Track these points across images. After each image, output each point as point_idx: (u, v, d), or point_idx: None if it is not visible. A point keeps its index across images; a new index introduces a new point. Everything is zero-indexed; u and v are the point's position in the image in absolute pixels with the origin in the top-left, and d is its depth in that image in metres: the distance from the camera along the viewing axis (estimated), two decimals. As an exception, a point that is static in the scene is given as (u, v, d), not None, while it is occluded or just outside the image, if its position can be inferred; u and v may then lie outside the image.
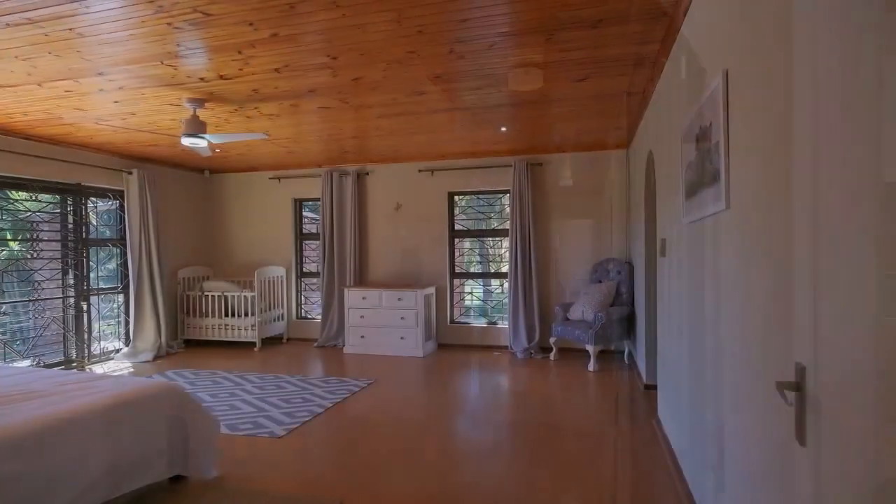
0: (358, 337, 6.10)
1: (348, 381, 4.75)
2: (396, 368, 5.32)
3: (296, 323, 7.05)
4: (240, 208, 7.26)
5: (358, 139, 5.29)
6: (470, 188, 6.33)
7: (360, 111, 4.22)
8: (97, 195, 5.93)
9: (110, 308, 6.33)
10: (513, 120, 4.58)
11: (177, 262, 6.82)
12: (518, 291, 5.92)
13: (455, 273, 6.53)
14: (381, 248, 6.64)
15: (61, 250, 5.58)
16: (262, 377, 4.93)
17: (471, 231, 6.65)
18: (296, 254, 7.11)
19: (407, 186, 6.51)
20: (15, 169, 4.96)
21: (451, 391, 4.53)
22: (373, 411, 3.92)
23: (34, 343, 5.36)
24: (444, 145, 5.63)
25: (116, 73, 3.29)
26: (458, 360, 5.66)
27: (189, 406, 2.66)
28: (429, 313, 6.13)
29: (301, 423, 3.61)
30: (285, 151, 5.92)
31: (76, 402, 2.25)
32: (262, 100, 3.87)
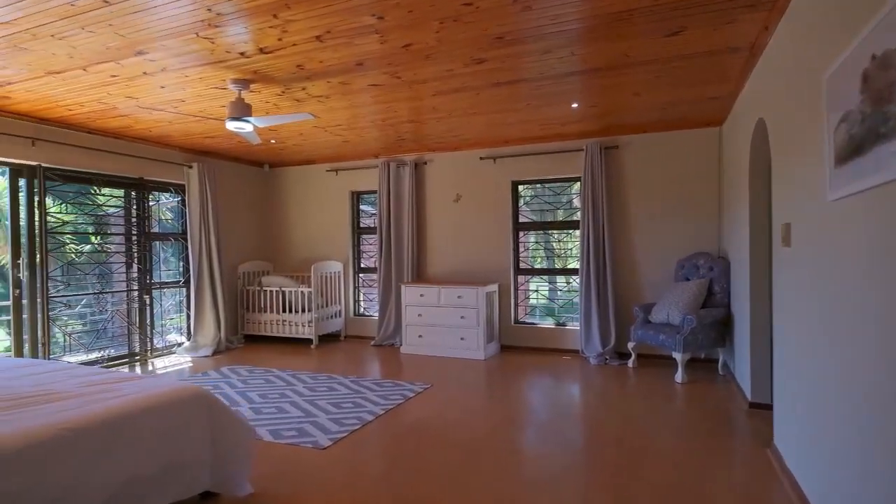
0: (415, 336, 5.73)
1: (403, 384, 4.38)
2: (455, 372, 4.90)
3: (353, 320, 6.81)
4: (298, 202, 7.12)
5: (414, 123, 4.90)
6: (536, 176, 5.79)
7: (413, 88, 3.82)
8: (159, 189, 5.95)
9: (174, 302, 6.37)
10: (586, 93, 4.01)
11: (237, 256, 6.78)
12: (590, 290, 5.31)
13: (519, 269, 6.01)
14: (440, 243, 6.25)
15: (125, 244, 5.63)
16: (314, 377, 4.68)
17: (536, 223, 6.11)
18: (353, 248, 6.87)
19: (467, 176, 6.07)
20: (81, 163, 5.00)
21: (515, 400, 4.04)
22: (427, 421, 3.51)
23: (99, 336, 5.43)
24: (508, 128, 5.13)
25: (155, 52, 3.08)
26: (523, 365, 5.15)
27: (219, 414, 2.36)
28: (491, 312, 5.66)
29: (349, 432, 3.26)
30: (340, 140, 5.65)
31: (91, 409, 1.99)
32: (309, 78, 3.56)
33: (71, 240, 5.21)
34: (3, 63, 3.25)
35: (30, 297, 4.74)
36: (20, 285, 4.74)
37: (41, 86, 3.70)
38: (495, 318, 5.78)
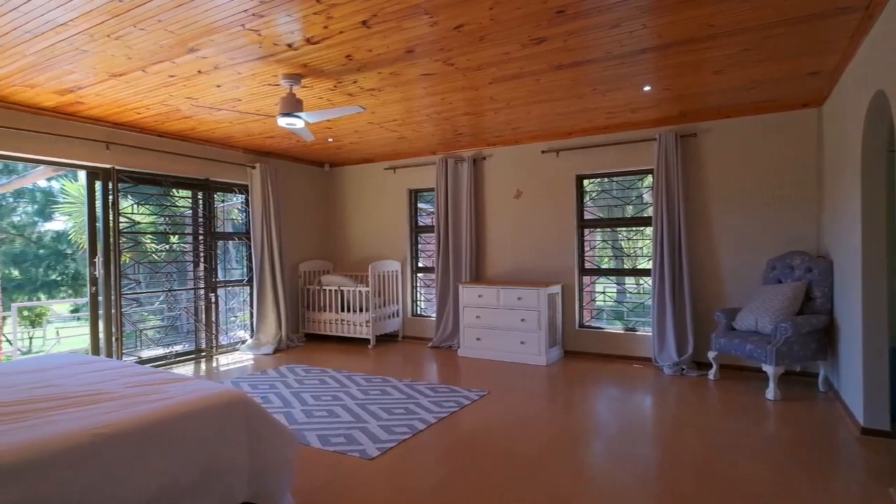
0: (473, 339, 5.50)
1: (459, 390, 4.16)
2: (515, 378, 4.61)
3: (411, 320, 6.69)
4: (356, 201, 7.10)
5: (470, 116, 4.67)
6: (602, 169, 5.37)
7: (468, 76, 3.59)
8: (224, 190, 6.09)
9: (239, 300, 6.53)
10: (659, 73, 3.60)
11: (298, 255, 6.85)
12: (664, 292, 4.84)
13: (584, 269, 5.62)
14: (499, 241, 5.97)
15: (193, 244, 5.80)
16: (369, 379, 4.56)
17: (603, 220, 5.68)
18: (411, 247, 6.74)
19: (528, 170, 5.75)
20: (151, 165, 5.18)
21: (578, 411, 3.70)
22: (482, 432, 3.26)
23: (168, 332, 5.63)
24: (571, 118, 4.77)
25: (206, 48, 3.04)
26: (589, 372, 4.77)
27: (259, 420, 2.24)
28: (553, 315, 5.32)
29: (398, 441, 3.08)
30: (396, 137, 5.52)
31: (128, 413, 1.92)
32: (359, 69, 3.42)
33: (143, 239, 5.42)
34: (70, 67, 3.35)
35: (105, 294, 4.96)
36: (96, 283, 4.97)
37: (107, 89, 3.82)
38: (558, 321, 5.43)
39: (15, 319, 7.84)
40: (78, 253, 10.48)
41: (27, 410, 1.96)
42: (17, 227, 12.38)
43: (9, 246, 12.30)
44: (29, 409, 1.98)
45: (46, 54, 3.13)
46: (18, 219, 12.32)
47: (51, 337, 9.01)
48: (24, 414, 1.92)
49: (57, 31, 2.81)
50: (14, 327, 8.03)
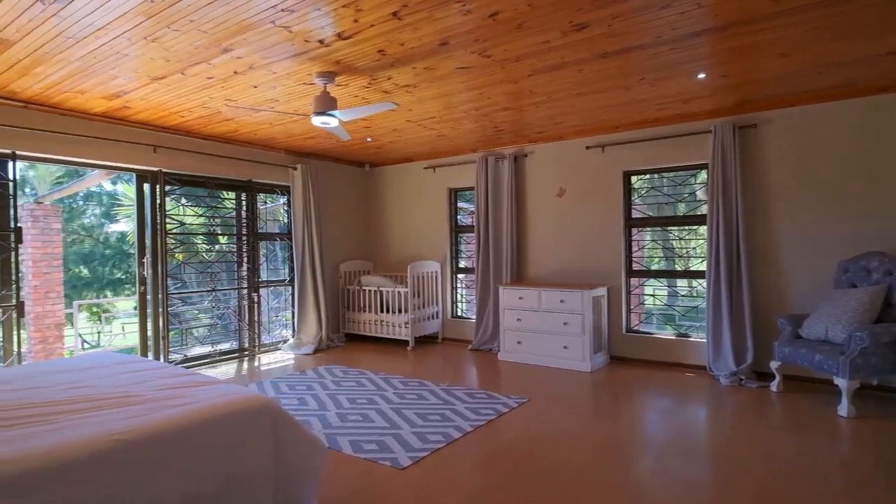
0: (514, 342, 5.31)
1: (497, 397, 3.99)
2: (557, 384, 4.40)
3: (450, 322, 6.56)
4: (396, 201, 7.05)
5: (511, 111, 4.49)
6: (652, 164, 5.06)
7: (506, 68, 3.42)
8: (267, 191, 6.17)
9: (281, 300, 6.61)
10: (715, 58, 3.31)
11: (339, 255, 6.87)
12: (720, 296, 4.50)
13: (632, 271, 5.32)
14: (541, 241, 5.76)
15: (236, 244, 5.90)
16: (406, 382, 4.47)
17: (653, 219, 5.36)
18: (451, 248, 6.62)
19: (572, 167, 5.51)
20: (196, 167, 5.30)
21: (625, 423, 3.46)
22: (520, 443, 3.09)
23: (212, 331, 5.75)
24: (618, 111, 4.51)
25: (239, 47, 3.02)
26: (637, 380, 4.50)
27: (285, 427, 2.17)
28: (598, 319, 5.06)
29: (431, 450, 2.95)
30: (435, 135, 5.41)
31: (151, 418, 1.88)
32: (393, 65, 3.32)
33: (189, 240, 5.55)
34: (113, 71, 3.42)
35: (153, 293, 5.10)
36: (145, 282, 5.13)
37: (151, 93, 3.89)
38: (603, 325, 5.16)
39: (77, 316, 8.25)
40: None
41: (58, 412, 1.96)
42: (87, 228, 13.20)
43: (79, 246, 13.11)
44: (60, 410, 1.98)
45: (89, 59, 3.20)
46: (88, 221, 13.13)
47: (117, 332, 9.48)
48: (54, 416, 1.92)
49: (97, 36, 2.85)
50: (76, 323, 8.47)
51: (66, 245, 12.85)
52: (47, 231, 7.28)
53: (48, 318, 7.16)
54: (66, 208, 13.03)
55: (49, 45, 2.97)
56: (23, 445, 1.60)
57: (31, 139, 4.16)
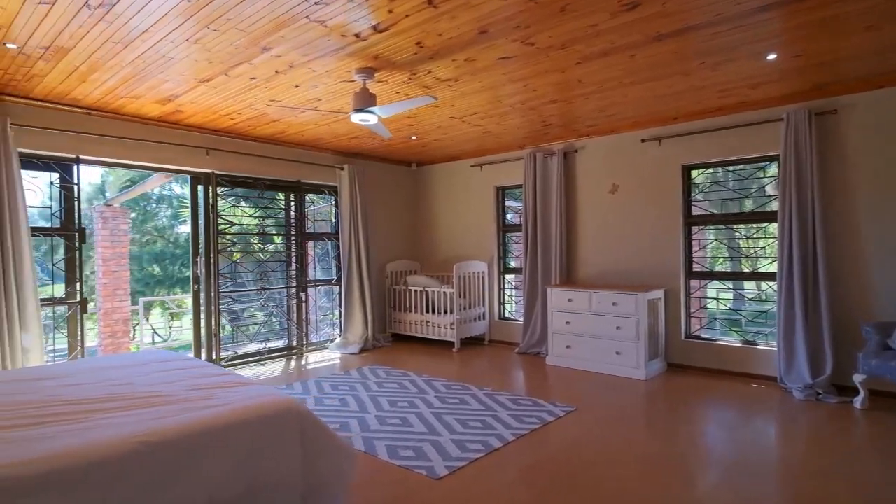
0: (562, 346, 5.07)
1: (543, 404, 3.79)
2: (608, 392, 4.14)
3: (498, 324, 6.39)
4: (443, 200, 6.95)
5: (559, 103, 4.27)
6: (714, 157, 4.68)
7: (552, 57, 3.22)
8: (314, 191, 6.24)
9: (328, 300, 6.67)
10: (787, 36, 2.97)
11: (386, 255, 6.85)
12: (794, 300, 4.08)
13: (692, 272, 4.95)
14: (592, 241, 5.48)
15: (285, 244, 6.00)
16: (448, 385, 4.35)
17: (715, 216, 4.97)
18: (498, 247, 6.44)
19: (626, 162, 5.20)
20: (246, 169, 5.42)
21: (683, 438, 3.17)
22: (565, 456, 2.89)
23: (261, 329, 5.86)
24: (675, 99, 4.19)
25: (277, 45, 3.01)
26: (696, 391, 4.16)
27: (313, 432, 2.10)
28: (655, 323, 4.74)
29: (470, 460, 2.81)
30: (481, 132, 5.26)
31: (177, 420, 1.85)
32: (432, 58, 3.21)
33: (240, 240, 5.69)
34: (162, 75, 3.50)
35: (206, 292, 5.25)
36: (198, 281, 5.29)
37: (199, 96, 3.97)
38: (660, 330, 4.83)
39: (142, 312, 8.71)
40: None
41: (91, 410, 1.98)
42: (159, 229, 14.05)
43: (152, 246, 13.96)
44: (93, 408, 2.00)
45: (139, 64, 3.29)
46: (160, 222, 13.98)
47: (186, 327, 9.98)
48: (86, 414, 1.94)
49: (142, 39, 2.91)
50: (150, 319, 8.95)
51: (141, 245, 13.76)
52: (116, 232, 7.72)
53: (116, 314, 7.59)
54: (141, 211, 13.92)
55: (100, 50, 3.07)
56: (47, 445, 1.59)
57: (93, 144, 4.37)
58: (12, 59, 3.20)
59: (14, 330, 3.81)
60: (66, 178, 4.33)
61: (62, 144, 4.21)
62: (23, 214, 3.90)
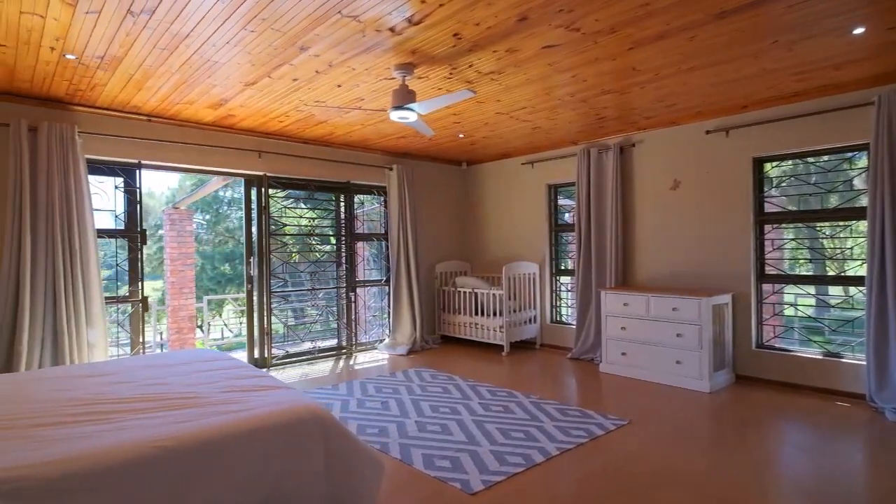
0: (617, 353, 4.77)
1: (592, 416, 3.55)
2: (667, 405, 3.82)
3: (550, 328, 6.14)
4: (493, 199, 6.78)
5: (613, 94, 4.00)
6: (791, 148, 4.23)
7: (600, 43, 2.99)
8: (364, 192, 6.26)
9: (377, 300, 6.68)
10: (880, 4, 2.58)
11: (435, 256, 6.77)
12: (886, 307, 3.60)
13: (764, 275, 4.50)
14: (650, 241, 5.12)
15: (335, 244, 6.06)
16: (493, 392, 4.18)
17: (793, 213, 4.49)
18: (550, 248, 6.19)
19: (689, 156, 4.82)
20: (297, 171, 5.50)
21: (753, 461, 2.84)
22: (614, 475, 2.65)
23: (311, 329, 5.95)
24: (744, 85, 3.81)
25: (314, 44, 2.97)
26: (770, 407, 3.76)
27: (338, 440, 2.02)
28: (721, 331, 4.35)
29: (508, 475, 2.65)
30: (530, 127, 5.05)
31: (198, 424, 1.83)
32: (471, 50, 3.07)
33: (291, 241, 5.80)
34: (210, 80, 3.58)
35: (259, 291, 5.38)
36: (252, 281, 5.42)
37: (247, 99, 4.05)
38: (727, 338, 4.42)
39: (206, 310, 9.13)
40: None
41: (121, 410, 2.00)
42: (230, 230, 14.81)
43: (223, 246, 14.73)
44: (123, 409, 2.02)
45: (186, 70, 3.37)
46: (231, 224, 14.75)
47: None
48: (116, 414, 1.95)
49: (186, 44, 2.97)
50: (205, 317, 9.38)
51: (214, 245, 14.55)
52: (182, 233, 8.12)
53: (182, 311, 7.99)
54: (214, 213, 14.74)
55: (150, 57, 3.16)
56: (67, 447, 1.60)
57: (153, 149, 4.56)
58: (74, 69, 3.37)
59: (81, 326, 4.04)
60: (130, 182, 4.55)
61: (125, 150, 4.42)
62: (89, 217, 4.12)
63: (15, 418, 1.89)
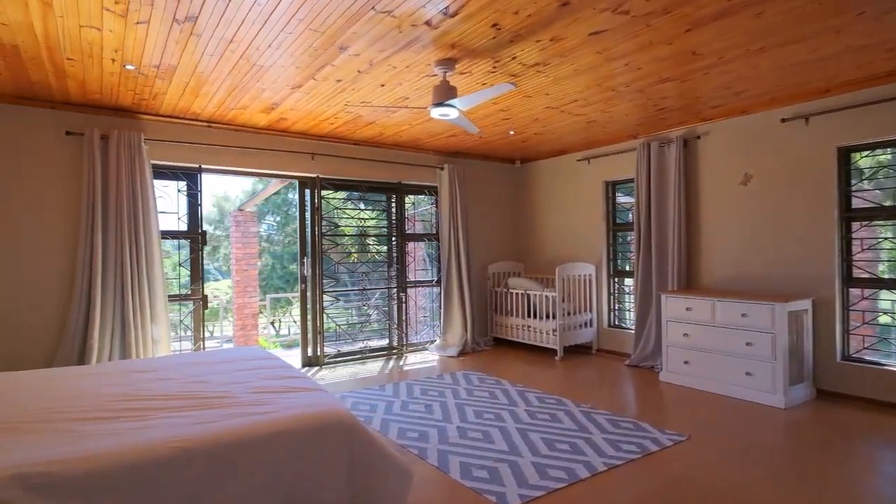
0: (679, 362, 4.43)
1: (647, 429, 3.30)
2: (733, 421, 3.49)
3: (607, 332, 5.84)
4: (548, 198, 6.55)
5: (672, 83, 3.71)
6: (883, 136, 3.74)
7: (653, 25, 2.75)
8: (415, 192, 6.24)
9: (429, 300, 6.65)
10: None
11: (488, 256, 6.65)
12: None
13: (851, 278, 4.01)
14: (717, 240, 4.72)
15: (386, 245, 6.08)
16: (542, 398, 4.01)
17: (887, 209, 3.97)
18: (608, 248, 5.89)
19: (762, 147, 4.40)
20: (349, 172, 5.57)
21: (838, 490, 2.50)
22: (665, 498, 2.42)
23: (362, 328, 6.00)
24: (825, 66, 3.40)
25: (353, 43, 2.95)
26: (856, 427, 3.33)
27: (363, 447, 1.96)
28: (798, 340, 3.92)
29: (548, 490, 2.48)
30: (584, 122, 4.81)
31: (221, 425, 1.82)
32: (512, 41, 2.93)
33: (344, 241, 5.88)
34: (259, 84, 3.66)
35: (312, 291, 5.49)
36: (305, 281, 5.54)
37: (296, 102, 4.11)
38: (806, 349, 3.99)
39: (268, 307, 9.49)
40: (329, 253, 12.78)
41: (155, 408, 2.04)
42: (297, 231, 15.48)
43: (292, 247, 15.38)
44: (159, 406, 2.07)
45: (236, 75, 3.46)
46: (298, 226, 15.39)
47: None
48: (150, 412, 2.00)
49: (231, 49, 3.04)
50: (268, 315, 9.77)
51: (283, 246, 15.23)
52: (246, 234, 8.49)
53: (246, 309, 8.34)
54: (283, 214, 15.42)
55: (200, 64, 3.27)
56: (95, 444, 1.63)
57: (212, 153, 4.76)
58: (135, 79, 3.55)
59: (146, 322, 4.27)
60: (191, 185, 4.77)
61: (187, 155, 4.64)
62: (154, 219, 4.36)
63: (59, 412, 1.97)
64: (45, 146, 4.03)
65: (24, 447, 1.60)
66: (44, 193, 4.02)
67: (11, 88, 3.68)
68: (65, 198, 4.09)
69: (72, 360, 3.98)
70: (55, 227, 4.05)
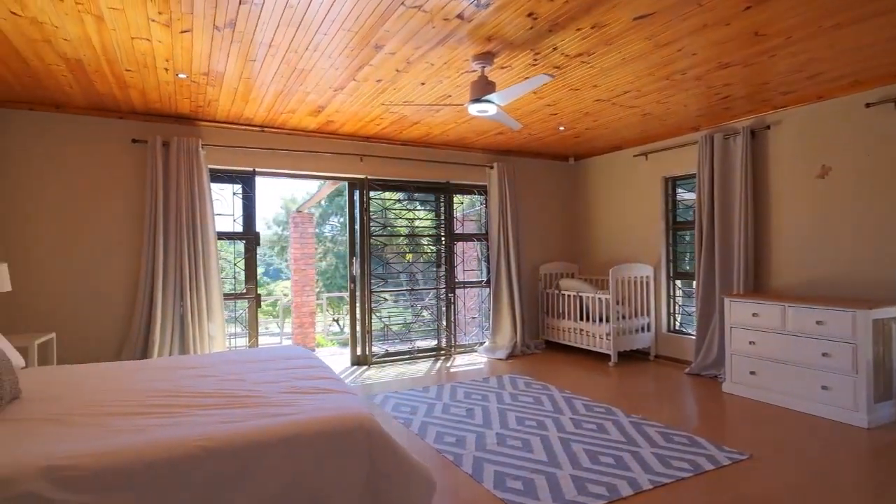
0: (745, 372, 4.08)
1: (704, 445, 3.03)
2: (804, 440, 3.14)
3: (666, 337, 5.49)
4: (603, 196, 6.27)
5: (734, 68, 3.40)
6: None
7: (705, 5, 2.52)
8: (464, 192, 6.17)
9: (478, 301, 6.55)
10: None
11: (539, 257, 6.46)
12: None
13: (954, 283, 3.51)
14: (788, 240, 4.30)
15: (434, 245, 6.05)
16: (589, 407, 3.81)
17: None
18: (667, 248, 5.54)
19: (841, 136, 3.95)
20: (397, 173, 5.59)
21: (920, 528, 2.18)
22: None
23: (411, 329, 5.99)
24: (920, 41, 2.98)
25: (387, 42, 2.92)
26: (957, 454, 2.90)
27: (383, 453, 1.91)
28: (884, 351, 3.48)
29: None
30: (638, 114, 4.54)
31: (240, 427, 1.82)
32: (551, 30, 2.78)
33: (392, 242, 5.90)
34: (303, 87, 3.72)
35: (361, 291, 5.55)
36: (354, 281, 5.62)
37: (341, 104, 4.16)
38: (894, 361, 3.53)
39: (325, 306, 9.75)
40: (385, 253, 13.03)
41: (188, 405, 2.09)
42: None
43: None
44: (191, 403, 2.12)
45: (279, 79, 3.54)
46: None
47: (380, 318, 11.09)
48: (181, 409, 2.05)
49: (271, 53, 3.10)
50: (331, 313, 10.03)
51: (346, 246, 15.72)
52: (304, 235, 8.76)
53: (304, 307, 8.60)
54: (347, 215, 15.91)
55: (245, 69, 3.37)
56: (121, 440, 1.68)
57: (266, 157, 4.92)
58: (189, 87, 3.72)
59: (203, 320, 4.47)
60: (246, 188, 4.96)
61: (242, 159, 4.82)
62: (211, 221, 4.55)
63: (101, 405, 2.07)
64: (113, 154, 4.31)
65: (56, 440, 1.68)
66: (112, 198, 4.30)
67: (82, 100, 3.96)
68: (131, 202, 4.36)
69: (136, 355, 4.24)
70: (122, 230, 4.33)
